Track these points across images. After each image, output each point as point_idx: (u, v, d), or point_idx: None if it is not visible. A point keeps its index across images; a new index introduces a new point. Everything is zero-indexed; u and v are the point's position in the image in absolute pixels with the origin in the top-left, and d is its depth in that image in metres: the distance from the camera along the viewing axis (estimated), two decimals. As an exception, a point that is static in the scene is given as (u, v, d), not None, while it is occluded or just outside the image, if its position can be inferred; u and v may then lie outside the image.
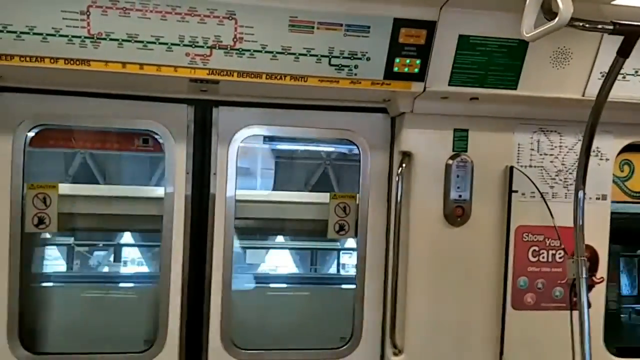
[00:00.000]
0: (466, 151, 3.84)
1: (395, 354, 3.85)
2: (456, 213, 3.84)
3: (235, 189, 3.82)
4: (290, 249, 6.01)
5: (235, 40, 3.22)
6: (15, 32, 3.06)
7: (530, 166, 3.91)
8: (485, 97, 3.62)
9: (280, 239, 5.73)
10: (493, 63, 3.48)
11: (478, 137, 3.84)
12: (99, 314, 4.23)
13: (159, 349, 3.76)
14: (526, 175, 3.86)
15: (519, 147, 3.89)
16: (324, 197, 4.18)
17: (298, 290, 5.15)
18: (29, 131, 3.64)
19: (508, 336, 3.88)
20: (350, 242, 5.90)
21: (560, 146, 3.94)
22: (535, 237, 3.93)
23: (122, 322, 4.16)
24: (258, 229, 4.74)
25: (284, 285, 5.18)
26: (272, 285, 5.25)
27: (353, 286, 4.06)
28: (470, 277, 3.88)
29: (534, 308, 3.94)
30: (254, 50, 3.26)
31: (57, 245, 4.97)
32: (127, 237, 6.30)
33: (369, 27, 3.29)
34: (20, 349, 3.64)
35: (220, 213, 3.80)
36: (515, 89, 3.56)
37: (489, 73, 3.51)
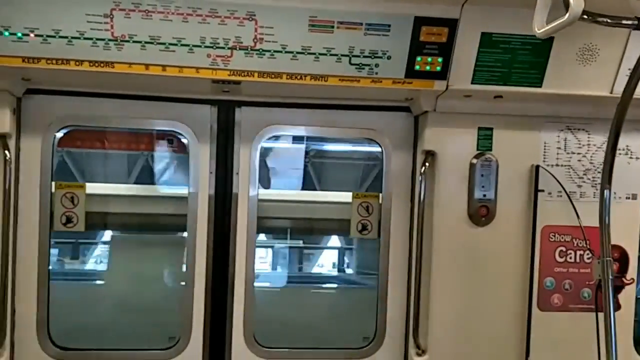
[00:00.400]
0: (491, 150, 3.79)
1: (418, 354, 3.82)
2: (481, 213, 3.79)
3: (258, 188, 3.85)
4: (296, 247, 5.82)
5: (255, 40, 3.24)
6: (41, 35, 3.14)
7: (557, 165, 3.84)
8: (510, 95, 3.57)
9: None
10: (517, 60, 3.43)
11: (503, 135, 3.78)
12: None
13: (183, 346, 3.81)
14: (552, 174, 3.79)
15: (545, 146, 3.82)
16: (347, 196, 4.16)
17: (322, 289, 5.14)
18: (57, 132, 3.72)
19: (534, 337, 3.82)
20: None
21: (588, 144, 3.86)
22: (562, 237, 3.86)
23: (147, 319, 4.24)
24: (282, 228, 4.74)
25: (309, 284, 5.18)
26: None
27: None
28: (495, 278, 3.83)
29: (561, 309, 3.87)
30: (274, 51, 3.27)
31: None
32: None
33: (389, 26, 3.27)
34: (49, 343, 3.73)
35: (243, 212, 3.83)
36: (540, 86, 3.50)
37: (513, 71, 3.46)
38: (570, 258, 3.88)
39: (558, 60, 3.43)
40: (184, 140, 3.85)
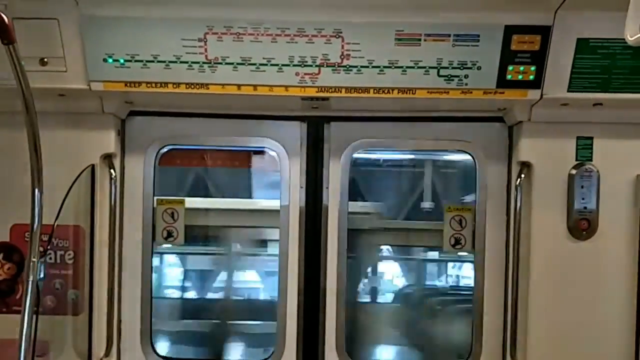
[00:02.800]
0: (591, 160, 3.62)
1: None
2: (581, 226, 3.62)
3: (348, 201, 3.88)
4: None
5: (342, 57, 3.28)
6: (141, 61, 3.33)
7: None
8: (610, 102, 3.40)
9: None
10: (617, 66, 3.26)
11: (604, 145, 3.60)
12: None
13: (277, 358, 3.88)
14: None
15: None
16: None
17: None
18: (158, 151, 3.93)
19: None
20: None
21: None
22: (672, 252, 3.61)
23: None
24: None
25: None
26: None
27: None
28: (598, 295, 3.63)
29: None
30: (361, 66, 3.29)
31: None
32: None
33: (478, 36, 3.21)
34: (151, 352, 3.92)
35: (333, 225, 3.87)
36: None
37: (613, 76, 3.29)
38: (683, 274, 3.61)
39: None
40: (276, 156, 3.95)
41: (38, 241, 2.80)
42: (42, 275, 3.53)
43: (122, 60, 3.33)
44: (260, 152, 4.14)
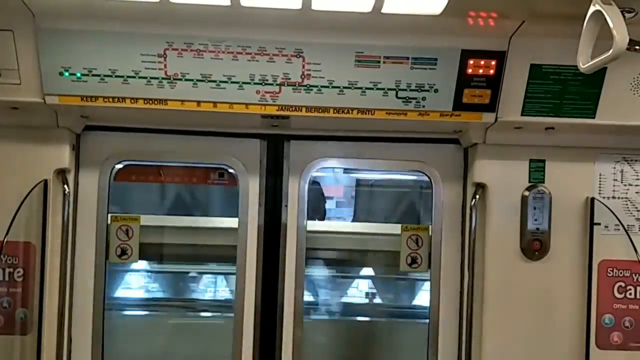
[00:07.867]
0: (543, 182, 3.72)
1: None
2: (534, 246, 3.70)
3: (306, 220, 3.88)
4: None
5: (303, 77, 3.30)
6: (99, 75, 3.27)
7: (614, 197, 3.72)
8: (562, 126, 3.51)
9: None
10: (568, 91, 3.37)
11: (556, 167, 3.71)
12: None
13: None
14: (608, 207, 3.67)
15: (600, 178, 3.72)
16: (396, 228, 4.13)
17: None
18: (113, 167, 3.86)
19: None
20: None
21: None
22: (621, 273, 3.73)
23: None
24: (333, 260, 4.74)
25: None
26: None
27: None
28: (550, 314, 3.72)
29: (621, 347, 3.72)
30: (322, 86, 3.32)
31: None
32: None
33: (436, 60, 3.27)
34: None
35: (292, 243, 3.87)
36: (594, 117, 3.42)
37: (565, 102, 3.40)
38: (630, 294, 3.73)
39: (612, 90, 3.34)
40: (235, 174, 3.93)
41: None
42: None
43: (78, 74, 3.26)
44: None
